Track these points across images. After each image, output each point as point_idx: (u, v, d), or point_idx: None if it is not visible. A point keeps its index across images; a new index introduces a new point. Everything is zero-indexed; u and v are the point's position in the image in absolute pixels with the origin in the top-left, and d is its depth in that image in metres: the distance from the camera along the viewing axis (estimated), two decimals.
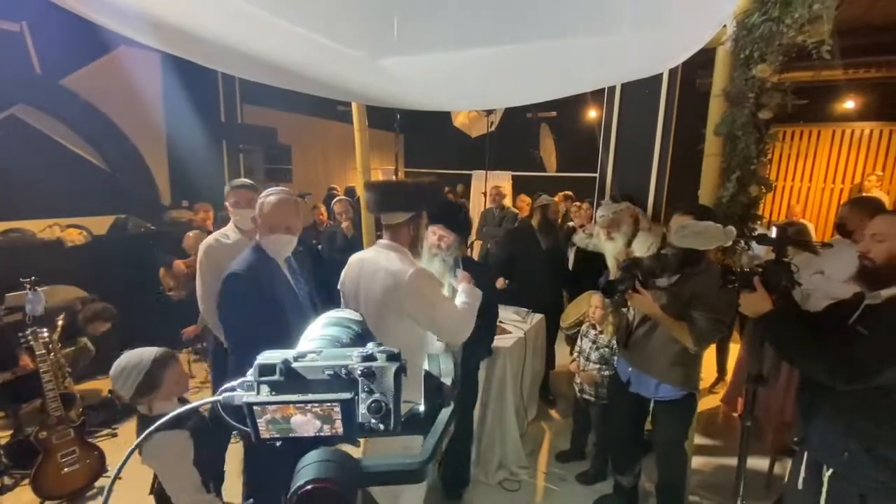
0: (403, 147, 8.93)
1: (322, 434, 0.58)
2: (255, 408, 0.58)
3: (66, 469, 2.39)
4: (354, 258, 1.88)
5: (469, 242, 5.05)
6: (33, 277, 2.64)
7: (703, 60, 2.31)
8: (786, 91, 2.15)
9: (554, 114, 8.10)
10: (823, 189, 7.15)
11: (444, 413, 0.66)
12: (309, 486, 0.52)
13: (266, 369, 0.59)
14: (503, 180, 7.14)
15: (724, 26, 2.09)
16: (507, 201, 6.13)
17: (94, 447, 2.53)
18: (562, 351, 3.78)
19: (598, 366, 2.58)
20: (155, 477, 1.54)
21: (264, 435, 0.59)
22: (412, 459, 0.58)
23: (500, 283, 3.46)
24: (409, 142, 9.18)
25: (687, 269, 2.00)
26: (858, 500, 1.38)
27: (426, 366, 0.69)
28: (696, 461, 2.71)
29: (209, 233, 2.89)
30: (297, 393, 0.58)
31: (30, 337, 2.39)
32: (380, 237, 1.89)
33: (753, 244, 2.23)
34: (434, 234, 2.02)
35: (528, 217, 3.93)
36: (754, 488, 2.54)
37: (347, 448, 0.61)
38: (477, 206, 7.20)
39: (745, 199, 2.27)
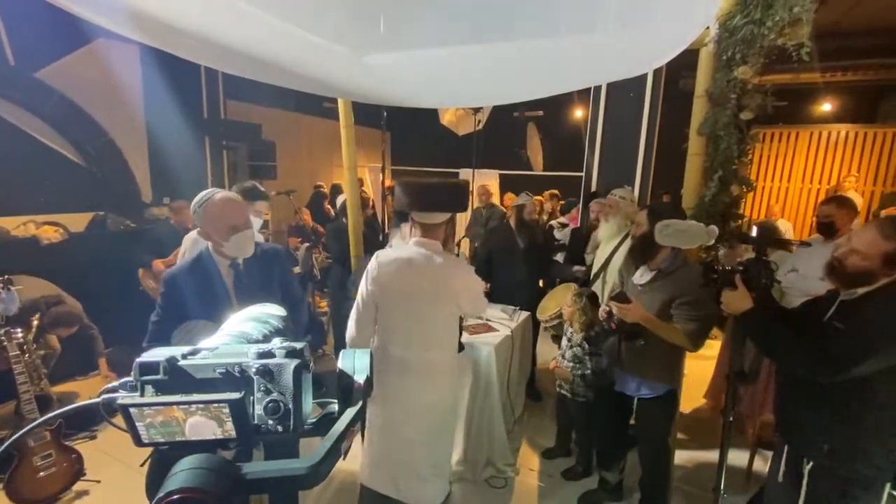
0: (390, 144, 8.88)
1: (219, 437, 0.53)
2: (131, 410, 0.52)
3: (41, 473, 2.32)
4: (392, 257, 1.85)
5: (457, 241, 5.05)
6: (6, 276, 2.56)
7: (686, 62, 2.35)
8: (766, 93, 2.20)
9: (541, 113, 8.14)
10: (801, 189, 7.32)
11: (349, 413, 0.61)
12: (175, 496, 0.47)
13: (148, 368, 0.54)
14: (490, 179, 7.15)
15: (707, 28, 2.13)
16: (495, 199, 6.15)
17: (72, 450, 2.47)
18: (546, 349, 3.81)
19: (571, 364, 2.59)
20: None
21: (146, 440, 0.53)
22: (301, 464, 0.53)
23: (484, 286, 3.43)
24: (396, 139, 9.13)
25: (662, 263, 2.03)
26: (838, 493, 1.42)
27: (340, 363, 0.65)
28: (679, 455, 2.75)
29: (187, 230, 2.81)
30: (184, 393, 0.53)
31: (3, 337, 2.32)
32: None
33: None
34: None
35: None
36: (735, 482, 2.59)
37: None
38: None
39: (727, 198, 2.31)
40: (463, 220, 6.49)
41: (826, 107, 6.74)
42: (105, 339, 3.54)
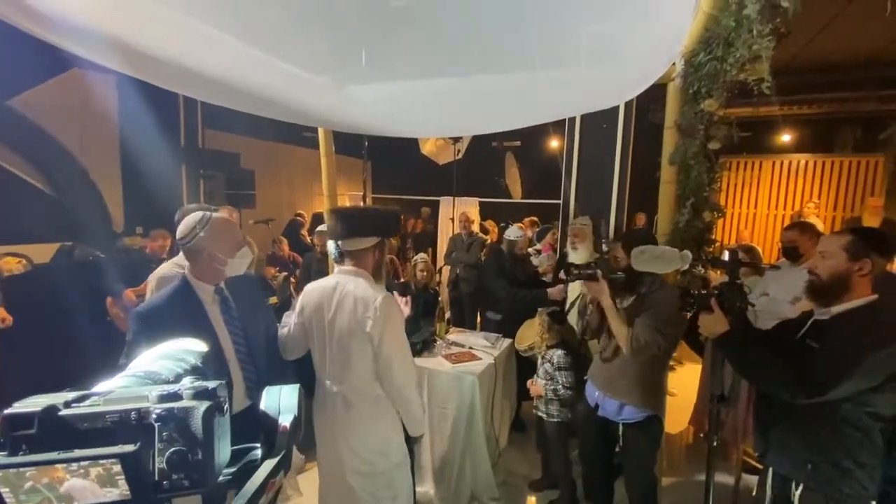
0: (371, 173, 8.94)
1: (110, 501, 0.44)
2: None
3: None
4: (315, 287, 1.82)
5: (438, 268, 5.05)
6: None
7: (655, 95, 2.46)
8: (731, 124, 2.32)
9: (518, 143, 8.36)
10: (767, 215, 7.67)
11: (267, 464, 0.53)
12: None
13: (18, 421, 0.44)
14: (470, 206, 7.24)
15: (674, 64, 2.25)
16: (475, 227, 6.20)
17: None
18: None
19: (543, 381, 2.59)
20: None
21: None
22: None
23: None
24: (377, 168, 9.20)
25: (641, 287, 2.06)
26: None
27: (263, 403, 0.58)
28: (666, 482, 2.72)
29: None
30: (66, 449, 0.44)
31: None
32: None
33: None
34: None
35: (497, 243, 3.97)
36: None
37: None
38: (445, 232, 7.23)
39: (700, 224, 2.39)
40: (442, 247, 6.52)
41: (786, 137, 7.15)
42: (69, 372, 3.35)
